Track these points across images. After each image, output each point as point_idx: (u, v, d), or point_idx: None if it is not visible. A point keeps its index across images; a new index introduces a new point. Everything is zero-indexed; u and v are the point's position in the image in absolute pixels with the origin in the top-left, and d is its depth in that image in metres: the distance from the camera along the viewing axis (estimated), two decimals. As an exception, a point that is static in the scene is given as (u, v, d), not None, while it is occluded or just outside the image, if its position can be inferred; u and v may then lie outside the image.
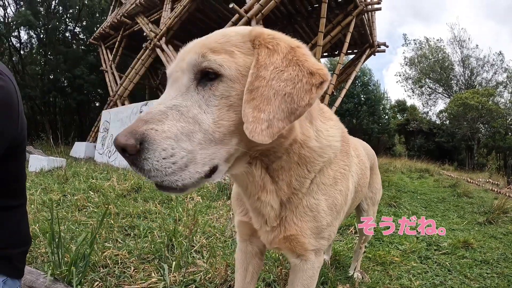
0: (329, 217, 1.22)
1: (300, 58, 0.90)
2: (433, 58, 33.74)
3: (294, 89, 0.86)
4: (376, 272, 2.74)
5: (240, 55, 0.92)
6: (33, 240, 2.76)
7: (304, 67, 0.89)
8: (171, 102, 0.88)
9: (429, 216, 5.24)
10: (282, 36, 0.98)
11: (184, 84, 0.91)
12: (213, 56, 0.89)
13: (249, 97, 0.86)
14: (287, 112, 0.86)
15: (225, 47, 0.92)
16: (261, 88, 0.86)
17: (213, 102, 0.89)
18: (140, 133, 0.81)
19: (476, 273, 2.94)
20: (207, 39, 0.95)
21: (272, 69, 0.88)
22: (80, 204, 4.15)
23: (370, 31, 11.95)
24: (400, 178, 9.35)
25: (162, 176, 0.82)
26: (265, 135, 0.84)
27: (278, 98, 0.85)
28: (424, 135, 30.90)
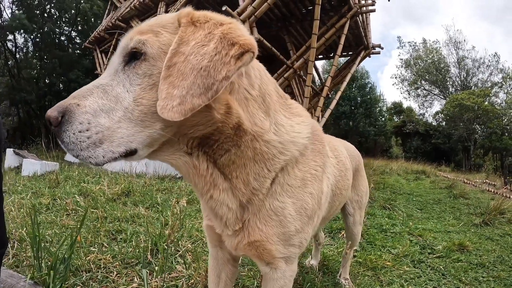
0: (298, 222, 1.14)
1: (225, 31, 0.86)
2: (429, 59, 33.87)
3: (211, 61, 0.81)
4: (366, 278, 2.67)
5: (165, 34, 0.90)
6: (20, 244, 2.71)
7: (226, 38, 0.84)
8: (99, 82, 0.91)
9: (424, 218, 5.19)
10: (215, 16, 0.93)
11: (114, 66, 0.92)
12: (138, 36, 0.89)
13: (166, 74, 0.83)
14: (203, 88, 0.81)
15: (153, 28, 0.92)
16: (178, 64, 0.83)
17: (136, 81, 0.88)
18: (63, 107, 0.86)
19: (471, 277, 2.88)
20: (142, 24, 0.95)
21: (193, 44, 0.84)
22: (70, 208, 4.08)
23: (365, 33, 11.95)
24: (396, 180, 9.31)
25: (77, 150, 0.84)
26: (175, 112, 0.80)
27: (194, 73, 0.81)
28: (421, 136, 30.96)
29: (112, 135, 0.85)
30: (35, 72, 24.02)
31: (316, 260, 2.78)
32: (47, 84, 23.27)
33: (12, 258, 2.50)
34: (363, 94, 33.56)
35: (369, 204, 5.73)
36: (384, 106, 38.31)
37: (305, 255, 2.97)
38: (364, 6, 10.75)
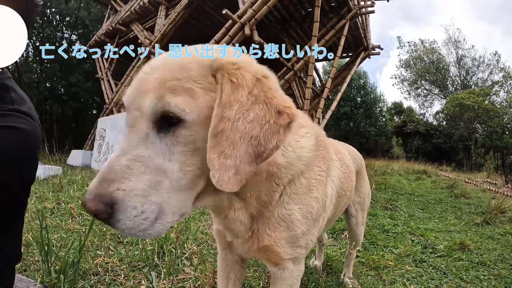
0: (304, 225, 1.19)
1: (267, 94, 0.85)
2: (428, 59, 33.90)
3: (261, 131, 0.81)
4: (369, 277, 2.71)
5: (201, 93, 0.84)
6: (26, 248, 2.75)
7: (272, 105, 0.83)
8: (133, 153, 0.83)
9: (426, 218, 5.23)
10: (247, 64, 0.90)
11: (144, 130, 0.85)
12: (172, 99, 0.81)
13: (213, 143, 0.80)
14: (254, 156, 0.82)
15: (184, 84, 0.83)
16: (226, 131, 0.80)
17: (177, 149, 0.84)
18: (108, 197, 0.78)
19: (472, 276, 2.91)
20: (166, 73, 0.86)
21: (237, 108, 0.81)
22: (74, 212, 4.11)
23: (364, 34, 11.98)
24: (398, 181, 9.34)
25: (137, 232, 0.82)
26: (233, 183, 0.80)
27: (245, 141, 0.80)
28: (422, 136, 30.97)
29: (165, 208, 0.84)
30: (35, 77, 24.10)
31: (320, 260, 2.81)
32: (47, 88, 23.33)
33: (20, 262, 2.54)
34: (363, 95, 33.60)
35: (371, 204, 5.76)
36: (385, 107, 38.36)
37: (309, 256, 3.01)
38: (364, 8, 10.79)
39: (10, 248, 1.43)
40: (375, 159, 18.12)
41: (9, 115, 1.18)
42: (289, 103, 0.88)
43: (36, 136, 1.23)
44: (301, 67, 9.98)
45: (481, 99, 25.27)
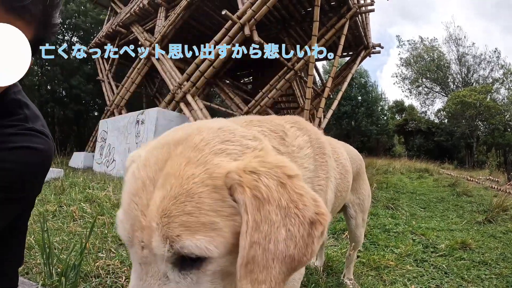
0: None
1: (297, 202, 0.74)
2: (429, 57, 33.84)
3: (296, 248, 0.72)
4: (369, 278, 2.72)
5: (224, 223, 0.72)
6: (28, 251, 2.76)
7: (305, 217, 0.73)
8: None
9: (427, 217, 5.22)
10: (267, 166, 0.76)
11: (162, 271, 0.74)
12: (191, 240, 0.69)
13: (245, 272, 0.71)
14: (288, 273, 0.75)
15: (200, 218, 0.70)
16: (257, 257, 0.70)
17: (205, 279, 0.75)
18: None
19: (474, 275, 2.91)
20: (170, 203, 0.71)
21: (267, 228, 0.71)
22: (76, 214, 4.13)
23: (365, 32, 11.97)
24: (399, 179, 9.32)
25: None
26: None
27: (278, 262, 0.72)
28: (423, 134, 30.91)
29: None
30: (36, 79, 24.16)
31: (321, 261, 2.82)
32: (48, 91, 23.39)
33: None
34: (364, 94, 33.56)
35: (372, 204, 5.76)
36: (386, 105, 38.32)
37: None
38: (363, 6, 10.79)
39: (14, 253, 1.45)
40: (377, 157, 18.08)
41: (28, 135, 1.20)
42: (320, 205, 0.77)
43: (51, 155, 1.27)
44: (302, 66, 9.98)
45: (482, 97, 25.21)
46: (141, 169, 0.79)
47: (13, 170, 1.11)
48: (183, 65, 10.07)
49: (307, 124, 1.34)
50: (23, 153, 1.16)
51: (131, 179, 0.80)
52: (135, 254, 0.76)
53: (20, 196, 1.17)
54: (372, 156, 19.95)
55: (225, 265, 0.75)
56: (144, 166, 0.79)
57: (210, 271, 0.74)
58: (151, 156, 0.81)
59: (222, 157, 0.78)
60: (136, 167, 0.81)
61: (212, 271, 0.75)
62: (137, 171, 0.79)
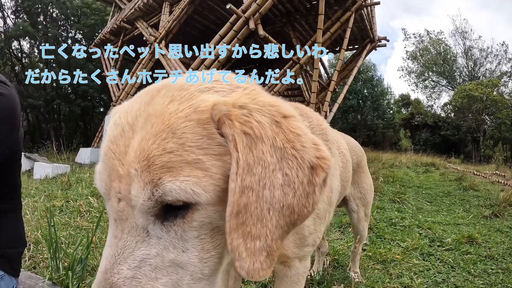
0: (312, 226, 1.18)
1: (294, 142, 0.65)
2: (435, 51, 33.54)
3: (295, 197, 0.63)
4: (376, 271, 2.72)
5: (212, 162, 0.63)
6: (36, 246, 2.79)
7: (304, 160, 0.64)
8: (135, 258, 0.63)
9: (434, 211, 5.20)
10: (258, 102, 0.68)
11: (141, 225, 0.64)
12: (175, 182, 0.60)
13: (236, 223, 0.62)
14: (287, 228, 0.65)
15: (185, 156, 0.61)
16: (250, 205, 0.61)
17: (190, 234, 0.65)
18: None
19: (480, 269, 2.89)
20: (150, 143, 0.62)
21: (261, 170, 0.62)
22: (83, 209, 4.16)
23: (370, 26, 11.88)
24: (406, 173, 9.28)
25: None
26: (266, 268, 0.63)
27: (275, 213, 0.63)
28: (430, 128, 30.66)
29: None
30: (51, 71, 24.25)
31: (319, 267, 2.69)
32: (54, 88, 23.50)
33: (29, 260, 2.58)
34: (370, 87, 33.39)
35: (379, 198, 5.75)
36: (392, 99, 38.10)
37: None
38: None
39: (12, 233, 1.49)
40: (383, 152, 18.03)
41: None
42: (321, 148, 0.68)
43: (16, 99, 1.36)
44: (307, 60, 9.93)
45: (489, 90, 24.95)
46: (122, 116, 0.71)
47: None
48: (188, 60, 10.06)
49: (308, 110, 1.30)
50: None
51: (111, 128, 0.72)
52: (111, 210, 0.67)
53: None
54: (378, 150, 19.92)
55: (214, 217, 0.65)
56: (126, 113, 0.71)
57: (196, 222, 0.64)
58: (133, 103, 0.74)
59: (209, 94, 0.70)
60: (118, 116, 0.73)
61: (199, 223, 0.64)
62: (118, 119, 0.71)
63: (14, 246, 1.49)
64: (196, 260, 0.66)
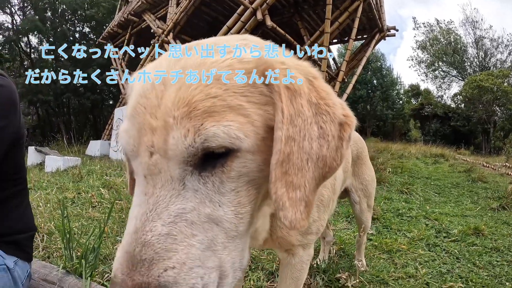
0: (316, 213, 1.20)
1: (326, 99, 0.68)
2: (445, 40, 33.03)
3: (328, 150, 0.67)
4: (381, 260, 2.75)
5: (254, 109, 0.63)
6: (49, 237, 2.87)
7: (336, 115, 0.68)
8: (170, 213, 0.60)
9: (441, 202, 5.20)
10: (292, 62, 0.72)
11: (178, 177, 0.62)
12: (218, 127, 0.59)
13: (280, 172, 0.62)
14: (319, 180, 0.68)
15: (229, 100, 0.61)
16: (292, 155, 0.63)
17: (227, 187, 0.63)
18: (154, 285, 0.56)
19: (485, 261, 2.90)
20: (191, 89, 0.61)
21: (301, 123, 0.64)
22: (94, 200, 4.25)
23: (379, 15, 11.75)
24: (414, 164, 9.24)
25: None
26: (304, 218, 0.65)
27: (312, 164, 0.65)
28: (439, 119, 30.37)
29: (226, 268, 0.66)
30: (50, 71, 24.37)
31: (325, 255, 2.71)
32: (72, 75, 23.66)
33: (43, 250, 2.65)
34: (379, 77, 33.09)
35: (387, 188, 5.77)
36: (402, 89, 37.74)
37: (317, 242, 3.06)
38: (377, -11, 10.58)
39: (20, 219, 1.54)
40: (393, 142, 17.92)
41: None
42: (345, 107, 0.73)
43: (14, 89, 1.41)
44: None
45: (500, 81, 24.59)
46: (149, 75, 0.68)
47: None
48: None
49: None
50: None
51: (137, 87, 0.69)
52: (140, 166, 0.64)
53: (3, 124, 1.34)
54: (387, 141, 19.81)
55: (251, 168, 0.64)
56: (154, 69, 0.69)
57: (235, 172, 0.63)
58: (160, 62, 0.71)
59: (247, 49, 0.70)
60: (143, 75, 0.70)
61: (237, 173, 0.63)
62: (145, 76, 0.69)
63: (23, 231, 1.54)
64: (232, 215, 0.65)
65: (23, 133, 1.53)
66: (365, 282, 2.33)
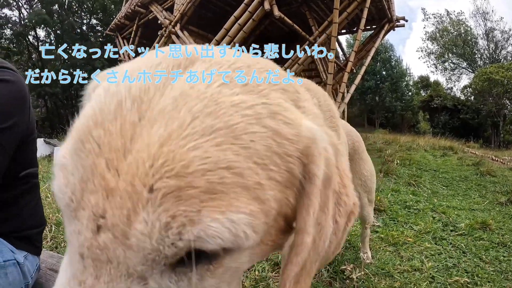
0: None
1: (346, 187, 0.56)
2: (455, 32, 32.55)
3: (334, 245, 0.55)
4: (387, 253, 2.75)
5: (274, 193, 0.43)
6: (57, 227, 2.91)
7: (349, 207, 0.55)
8: None
9: (449, 196, 5.16)
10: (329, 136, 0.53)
11: (138, 274, 0.40)
12: (223, 223, 0.38)
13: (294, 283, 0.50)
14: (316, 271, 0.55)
15: (246, 176, 0.40)
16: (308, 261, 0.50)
17: (207, 283, 0.44)
18: None
19: (492, 256, 2.88)
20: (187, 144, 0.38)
21: (324, 220, 0.50)
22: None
23: (388, 5, 11.58)
24: (423, 156, 9.17)
25: None
26: None
27: (317, 264, 0.53)
28: (449, 111, 30.06)
29: None
30: (59, 64, 24.58)
31: None
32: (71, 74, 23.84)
33: (51, 240, 2.69)
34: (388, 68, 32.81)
35: (394, 180, 5.74)
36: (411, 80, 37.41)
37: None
38: (387, -22, 10.40)
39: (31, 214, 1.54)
40: (401, 134, 17.81)
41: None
42: (353, 191, 0.58)
43: (23, 84, 1.38)
44: (324, 41, 9.78)
45: (510, 74, 24.18)
46: (121, 84, 0.44)
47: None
48: (203, 42, 9.99)
49: (312, 84, 1.16)
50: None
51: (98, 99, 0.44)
52: (76, 237, 0.40)
53: (10, 124, 1.30)
54: (396, 133, 19.72)
55: (243, 262, 0.47)
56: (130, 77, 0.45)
57: (223, 268, 0.44)
58: (143, 65, 0.47)
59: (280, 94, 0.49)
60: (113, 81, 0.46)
61: (225, 268, 0.44)
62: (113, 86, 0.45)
63: (34, 226, 1.54)
64: None
65: (33, 129, 1.51)
66: (370, 274, 2.34)
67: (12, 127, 1.31)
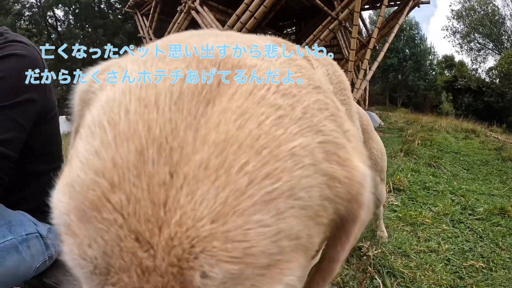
0: None
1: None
2: (482, 11, 31.15)
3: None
4: (404, 233, 2.78)
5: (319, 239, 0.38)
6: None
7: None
8: None
9: (469, 179, 5.11)
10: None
11: None
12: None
13: None
14: None
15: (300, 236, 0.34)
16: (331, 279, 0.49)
17: None
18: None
19: (508, 243, 2.86)
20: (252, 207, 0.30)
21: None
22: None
23: (414, -19, 11.15)
24: (444, 138, 9.01)
25: None
26: None
27: None
28: (473, 93, 29.17)
29: None
30: (78, 42, 24.64)
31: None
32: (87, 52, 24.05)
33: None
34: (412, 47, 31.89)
35: (414, 160, 5.69)
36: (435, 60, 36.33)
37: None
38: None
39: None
40: (423, 114, 17.47)
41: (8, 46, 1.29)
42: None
43: (36, 57, 1.32)
44: (347, 16, 9.53)
45: (538, 58, 23.26)
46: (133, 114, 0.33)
47: (5, 77, 1.22)
48: (223, 17, 9.90)
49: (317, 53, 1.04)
50: (8, 60, 1.25)
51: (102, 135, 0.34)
52: None
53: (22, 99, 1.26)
54: (418, 112, 19.36)
55: None
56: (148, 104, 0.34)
57: None
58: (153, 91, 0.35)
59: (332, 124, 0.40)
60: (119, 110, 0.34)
61: None
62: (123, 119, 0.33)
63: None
64: None
65: (53, 106, 1.45)
66: (386, 253, 2.38)
67: (24, 102, 1.27)
